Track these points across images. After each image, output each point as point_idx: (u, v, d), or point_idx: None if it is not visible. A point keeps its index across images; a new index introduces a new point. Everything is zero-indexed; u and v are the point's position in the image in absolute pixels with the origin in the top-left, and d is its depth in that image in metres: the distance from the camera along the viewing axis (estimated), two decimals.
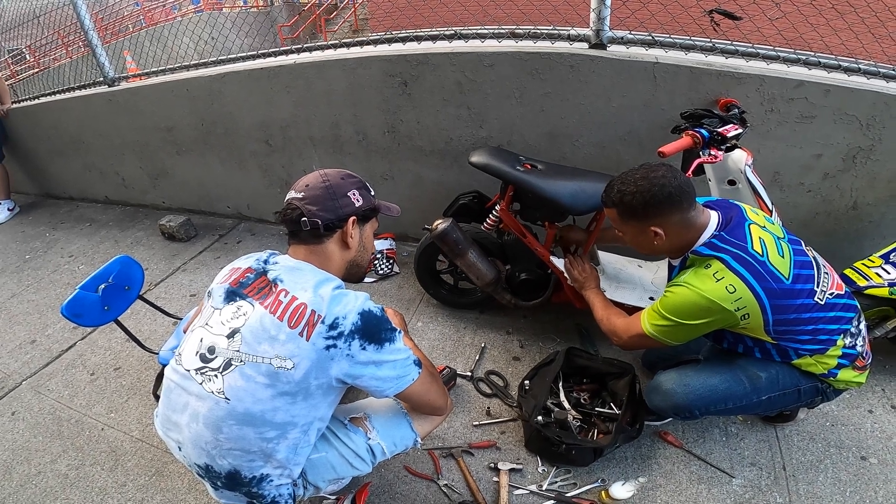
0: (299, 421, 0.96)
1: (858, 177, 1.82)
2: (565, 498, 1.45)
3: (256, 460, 0.97)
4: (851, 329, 1.22)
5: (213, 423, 0.93)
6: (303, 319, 0.90)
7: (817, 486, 1.57)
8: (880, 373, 1.94)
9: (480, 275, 1.76)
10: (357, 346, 0.91)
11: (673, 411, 1.35)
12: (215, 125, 2.58)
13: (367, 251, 1.12)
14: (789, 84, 1.68)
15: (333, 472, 1.10)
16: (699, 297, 1.11)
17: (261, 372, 0.90)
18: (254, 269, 1.01)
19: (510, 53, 1.96)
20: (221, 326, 0.96)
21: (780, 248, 1.15)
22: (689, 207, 1.15)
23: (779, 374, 1.26)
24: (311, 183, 1.03)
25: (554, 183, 1.59)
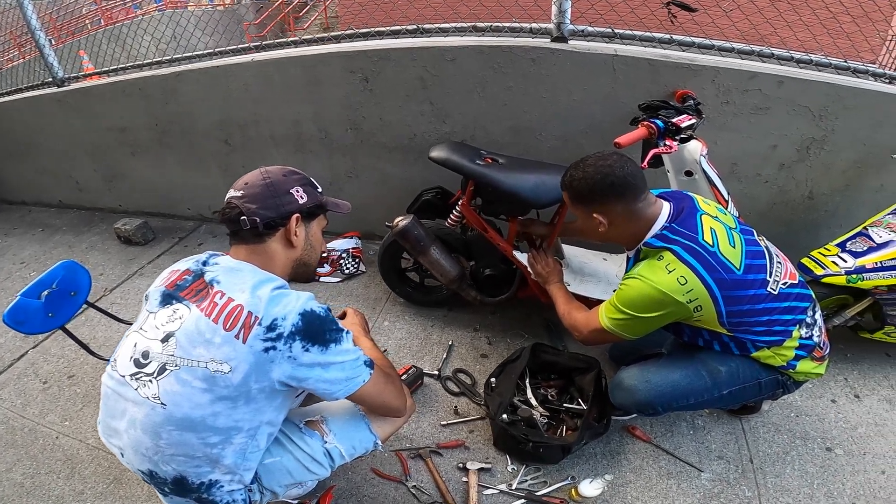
0: (244, 426, 0.93)
1: (813, 167, 1.85)
2: (535, 497, 1.43)
3: (203, 466, 0.94)
4: (807, 319, 1.22)
5: (152, 428, 0.91)
6: (238, 321, 0.87)
7: (784, 478, 1.57)
8: (842, 362, 1.98)
9: (444, 272, 1.72)
10: (299, 348, 0.88)
11: (636, 408, 1.34)
12: (171, 125, 2.48)
13: (314, 249, 1.09)
14: (743, 76, 1.69)
15: (290, 477, 1.06)
16: (652, 289, 1.09)
17: (197, 376, 0.88)
18: (192, 270, 0.98)
19: (471, 47, 1.92)
20: (156, 331, 0.93)
21: (732, 238, 1.14)
22: (635, 198, 1.14)
23: (738, 368, 1.25)
24: (251, 181, 0.99)
25: (514, 176, 1.56)
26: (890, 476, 1.57)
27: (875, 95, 1.72)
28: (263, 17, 5.58)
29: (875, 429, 1.71)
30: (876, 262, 1.62)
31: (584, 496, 1.38)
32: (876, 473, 1.58)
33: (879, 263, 1.62)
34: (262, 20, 5.56)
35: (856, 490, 1.54)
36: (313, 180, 1.07)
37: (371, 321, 2.02)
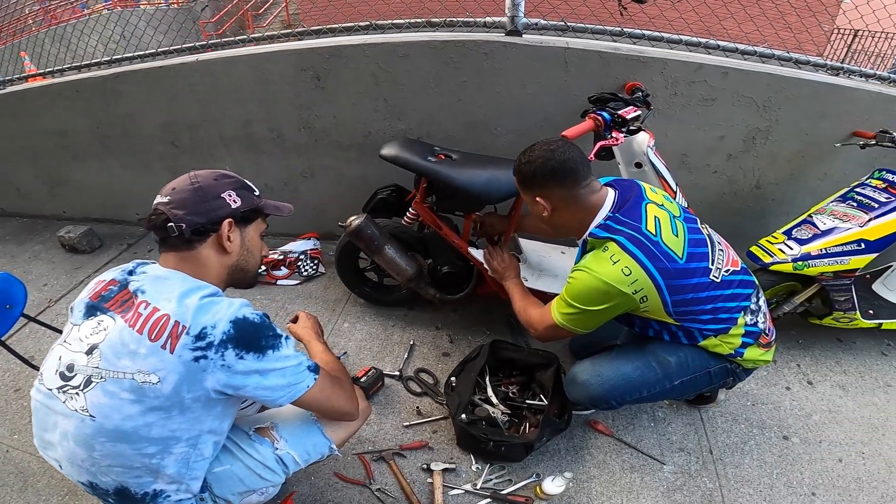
0: (182, 435, 0.90)
1: (759, 157, 1.88)
2: (501, 496, 1.41)
3: (143, 476, 0.91)
4: (751, 306, 1.23)
5: (84, 440, 0.89)
6: (165, 331, 0.84)
7: (744, 469, 1.58)
8: (794, 348, 2.02)
9: (400, 271, 1.67)
10: (233, 356, 0.85)
11: (591, 403, 1.33)
12: (113, 128, 2.33)
13: (252, 255, 1.04)
14: (690, 67, 1.71)
15: (242, 485, 1.03)
16: (598, 281, 1.08)
17: (124, 388, 0.85)
18: (118, 280, 0.95)
19: (424, 43, 1.88)
20: (80, 343, 0.90)
21: (675, 226, 1.14)
22: (576, 183, 1.13)
23: (688, 358, 1.25)
24: (179, 186, 0.96)
25: (467, 172, 1.52)
26: (847, 464, 1.60)
27: (816, 86, 1.76)
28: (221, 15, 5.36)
29: (829, 416, 1.75)
30: (820, 248, 1.66)
31: (550, 494, 1.37)
32: (833, 462, 1.61)
33: (824, 250, 1.66)
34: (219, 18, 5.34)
35: (814, 479, 1.57)
36: (249, 183, 1.03)
37: (331, 323, 1.96)
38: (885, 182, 1.74)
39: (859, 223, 1.66)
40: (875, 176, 1.78)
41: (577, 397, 1.33)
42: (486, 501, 1.40)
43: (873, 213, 1.66)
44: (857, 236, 1.64)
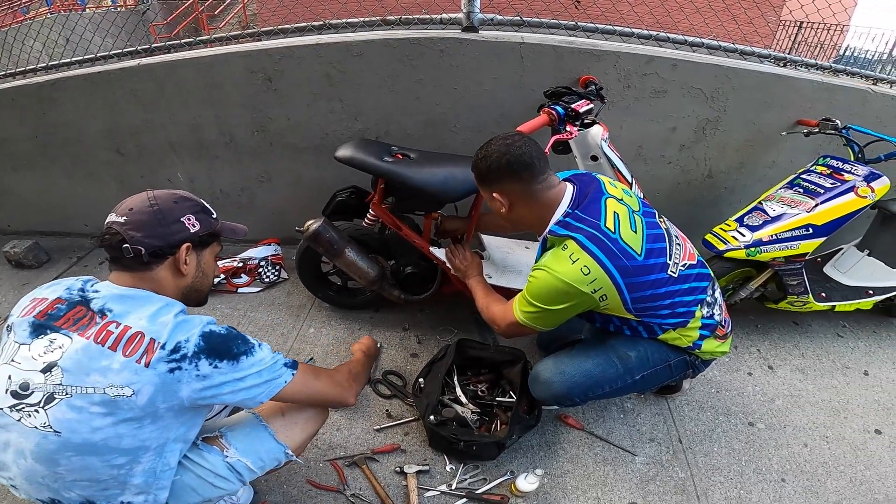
0: (151, 444, 0.91)
1: (710, 147, 1.92)
2: (476, 495, 1.39)
3: (111, 489, 0.90)
4: (707, 298, 1.23)
5: (46, 457, 0.86)
6: (140, 347, 0.86)
7: (713, 457, 1.59)
8: (753, 333, 2.06)
9: (362, 273, 1.62)
10: (207, 366, 0.88)
11: (554, 400, 1.32)
12: (53, 136, 2.18)
13: (206, 276, 1.06)
14: (641, 59, 1.72)
15: (196, 495, 1.03)
16: (558, 280, 1.06)
17: (93, 402, 0.85)
18: (65, 299, 0.92)
19: (379, 41, 1.83)
20: (33, 362, 0.88)
21: (634, 222, 1.13)
22: (532, 178, 1.11)
23: (647, 352, 1.25)
24: (137, 206, 0.94)
25: (424, 171, 1.48)
26: (812, 449, 1.63)
27: (760, 76, 1.81)
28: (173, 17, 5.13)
29: (791, 400, 1.79)
30: (771, 234, 1.70)
31: (524, 491, 1.37)
32: (799, 447, 1.64)
33: (774, 236, 1.70)
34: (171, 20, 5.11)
35: (782, 465, 1.59)
36: (208, 206, 1.03)
37: (295, 329, 1.89)
38: (829, 168, 1.80)
39: (806, 209, 1.71)
40: (820, 162, 1.84)
41: (542, 395, 1.32)
42: (462, 502, 1.39)
43: (819, 199, 1.71)
44: (805, 221, 1.69)
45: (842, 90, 1.86)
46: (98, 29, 2.52)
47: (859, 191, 1.68)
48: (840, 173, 1.74)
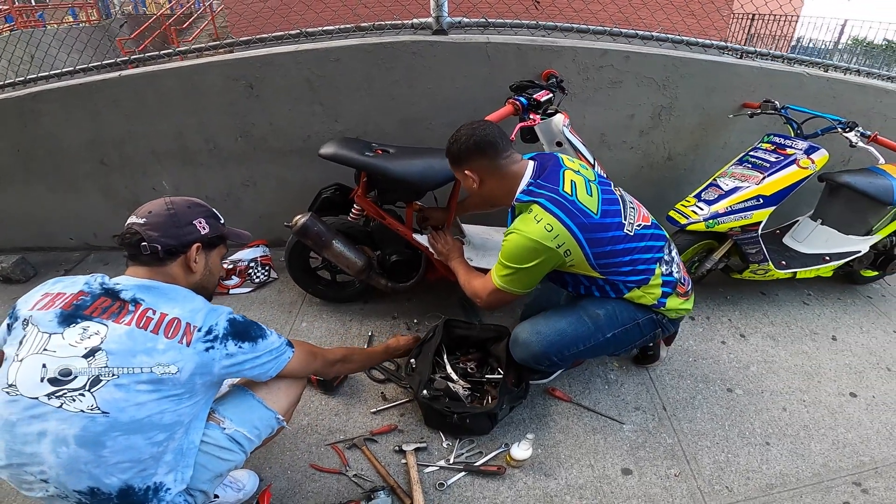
0: (184, 419, 1.03)
1: (666, 131, 2.13)
2: (474, 467, 1.49)
3: (148, 468, 1.00)
4: (665, 257, 1.40)
5: (92, 439, 0.94)
6: (179, 331, 1.01)
7: (697, 422, 1.70)
8: (724, 304, 2.25)
9: (350, 263, 1.76)
10: (233, 346, 1.05)
11: (534, 360, 1.45)
12: (35, 149, 2.26)
13: (213, 275, 1.21)
14: (597, 53, 1.92)
15: (208, 471, 1.12)
16: (526, 239, 1.22)
17: (140, 381, 0.97)
18: (87, 291, 1.04)
19: (355, 47, 1.98)
20: (71, 348, 0.97)
21: (590, 188, 1.30)
22: (497, 155, 1.29)
23: (616, 310, 1.40)
24: (155, 210, 1.10)
25: (403, 163, 1.64)
26: (792, 413, 1.76)
27: (705, 64, 2.03)
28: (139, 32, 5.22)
29: (766, 366, 1.94)
30: (726, 206, 1.91)
31: (519, 459, 1.47)
32: (778, 411, 1.77)
33: (729, 208, 1.91)
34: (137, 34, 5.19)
35: (765, 429, 1.70)
36: (216, 212, 1.19)
37: (288, 324, 2.00)
38: (773, 145, 2.02)
39: (756, 182, 1.92)
40: (765, 140, 2.07)
41: (522, 356, 1.46)
42: (461, 475, 1.48)
43: (766, 172, 1.93)
44: (755, 193, 1.91)
45: (780, 74, 2.10)
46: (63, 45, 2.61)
47: (801, 163, 1.90)
48: (783, 149, 1.97)
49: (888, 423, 1.75)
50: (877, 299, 2.43)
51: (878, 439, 1.71)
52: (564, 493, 1.47)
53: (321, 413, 1.65)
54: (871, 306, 2.37)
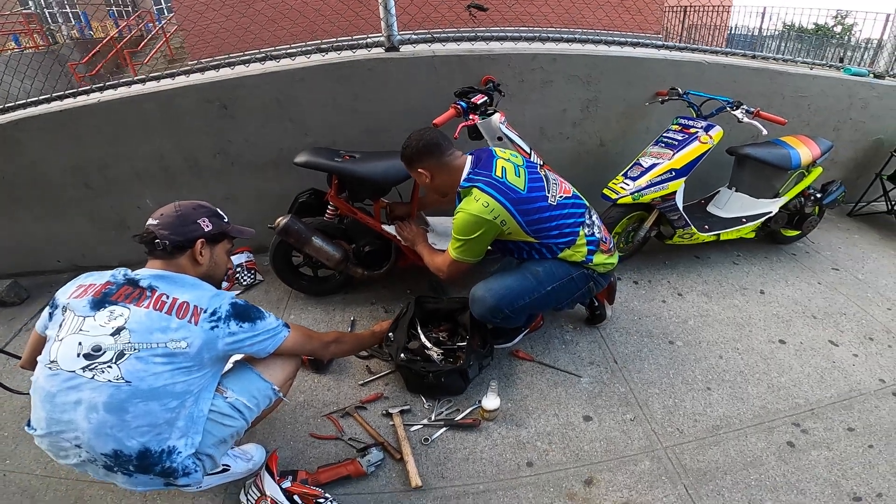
0: (193, 389, 1.24)
1: (596, 121, 2.59)
2: (453, 422, 1.79)
3: (163, 433, 1.20)
4: (586, 221, 1.81)
5: (117, 405, 1.15)
6: (188, 312, 1.23)
7: (645, 373, 1.99)
8: (662, 269, 2.68)
9: (329, 256, 2.12)
10: (235, 326, 1.28)
11: (490, 314, 1.79)
12: (18, 177, 2.50)
13: (219, 267, 1.45)
14: (528, 58, 2.36)
15: (213, 437, 1.33)
16: (469, 215, 1.62)
17: (157, 354, 1.19)
18: (112, 282, 1.27)
19: (317, 67, 2.35)
20: (101, 328, 1.18)
21: (518, 171, 1.72)
22: (441, 154, 1.69)
23: (552, 267, 1.79)
24: (165, 212, 1.35)
25: (368, 165, 2.03)
26: (728, 360, 2.08)
27: (621, 60, 2.50)
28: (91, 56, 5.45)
29: (701, 320, 2.31)
30: (647, 181, 2.36)
31: (490, 409, 1.76)
32: (715, 359, 2.08)
33: (649, 181, 2.36)
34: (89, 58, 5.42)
35: (705, 375, 1.98)
36: (220, 212, 1.45)
37: None
38: (680, 125, 2.50)
39: (668, 158, 2.38)
40: (674, 122, 2.54)
41: (479, 311, 1.82)
42: (442, 430, 1.77)
43: (676, 150, 2.39)
44: (668, 167, 2.36)
45: (684, 64, 2.59)
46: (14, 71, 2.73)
47: (701, 139, 2.38)
48: (688, 128, 2.45)
49: (818, 367, 2.08)
50: (801, 256, 2.92)
51: (809, 382, 2.00)
52: (535, 440, 1.76)
53: (315, 389, 1.96)
54: (796, 262, 2.85)
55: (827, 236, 3.13)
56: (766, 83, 2.79)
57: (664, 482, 1.64)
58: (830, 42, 3.52)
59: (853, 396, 1.95)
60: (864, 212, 3.44)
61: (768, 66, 2.83)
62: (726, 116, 2.44)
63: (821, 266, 2.82)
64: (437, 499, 1.59)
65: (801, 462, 1.70)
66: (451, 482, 1.64)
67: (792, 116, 2.83)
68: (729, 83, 2.68)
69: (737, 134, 2.65)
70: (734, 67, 2.70)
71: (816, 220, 2.86)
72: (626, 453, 1.73)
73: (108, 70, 5.29)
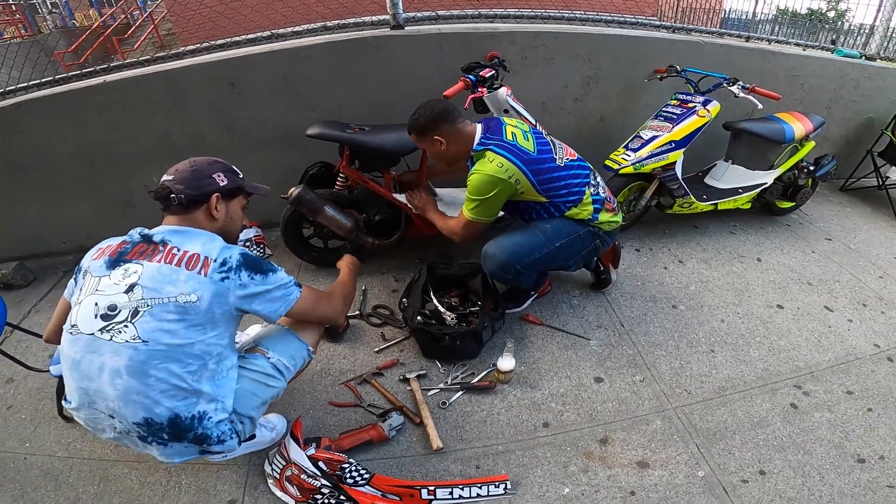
0: (213, 350, 1.26)
1: (597, 97, 2.79)
2: (470, 385, 1.92)
3: (189, 397, 1.22)
4: (591, 181, 1.99)
5: (138, 368, 1.17)
6: (198, 263, 1.24)
7: (651, 335, 2.14)
8: (663, 237, 2.90)
9: (341, 225, 2.27)
10: (246, 276, 1.27)
11: (501, 270, 1.94)
12: (20, 159, 2.61)
13: (234, 222, 1.46)
14: (530, 35, 2.55)
15: (256, 398, 1.39)
16: (485, 176, 1.79)
17: (169, 310, 1.19)
18: (128, 241, 1.31)
19: (324, 45, 2.52)
20: (115, 286, 1.21)
21: (526, 136, 1.90)
22: (455, 120, 1.86)
23: (560, 225, 1.95)
24: (180, 168, 1.38)
25: (379, 136, 2.20)
26: (729, 324, 2.25)
27: (620, 39, 2.71)
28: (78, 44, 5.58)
29: (702, 286, 2.51)
30: (648, 151, 2.57)
31: (505, 371, 1.87)
32: (717, 322, 2.25)
33: (650, 152, 2.57)
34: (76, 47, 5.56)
35: (708, 338, 2.14)
36: (235, 168, 1.49)
37: None
38: (679, 101, 2.72)
39: (668, 130, 2.59)
40: (673, 98, 2.75)
41: (491, 267, 1.98)
42: (459, 393, 1.89)
43: (675, 123, 2.61)
44: (668, 139, 2.57)
45: (681, 43, 2.81)
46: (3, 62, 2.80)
47: (699, 112, 2.59)
48: (686, 103, 2.66)
49: (815, 332, 2.26)
50: (795, 227, 3.15)
51: (808, 346, 2.17)
52: (549, 401, 1.89)
53: (331, 358, 2.08)
54: (790, 232, 3.08)
55: (820, 209, 3.38)
56: (760, 63, 3.02)
57: (676, 441, 1.77)
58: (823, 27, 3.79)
59: (850, 360, 2.13)
60: (855, 187, 3.69)
61: (762, 47, 3.07)
62: (723, 93, 2.65)
63: (814, 236, 3.05)
64: (458, 460, 1.70)
65: (805, 424, 1.84)
66: (470, 444, 1.75)
67: (785, 95, 3.05)
68: (725, 62, 2.91)
69: (732, 110, 2.87)
70: (730, 47, 2.93)
71: (810, 192, 3.09)
72: (637, 413, 1.87)
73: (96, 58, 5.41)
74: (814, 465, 1.71)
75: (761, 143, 2.85)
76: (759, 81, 2.92)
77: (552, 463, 1.70)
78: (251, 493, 1.60)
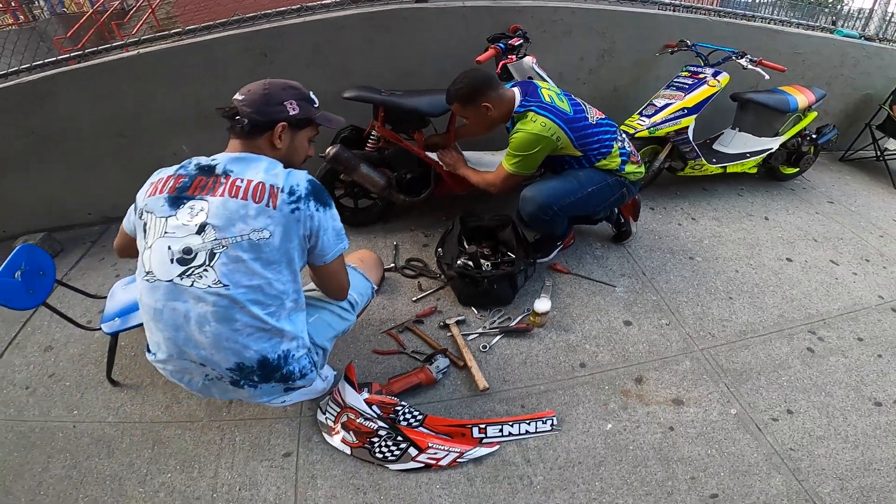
0: (288, 289, 1.28)
1: (611, 69, 3.13)
2: (508, 328, 2.11)
3: (273, 338, 1.26)
4: (618, 137, 2.29)
5: (224, 314, 1.18)
6: (265, 194, 1.21)
7: (672, 283, 2.38)
8: (675, 198, 3.22)
9: (374, 182, 2.54)
10: (314, 206, 1.27)
11: (540, 210, 2.19)
12: (49, 131, 2.78)
13: (297, 154, 1.42)
14: (549, 10, 2.89)
15: (331, 329, 1.48)
16: (529, 134, 2.06)
17: (244, 249, 1.18)
18: (184, 174, 1.28)
19: (356, 16, 2.80)
20: (185, 227, 1.18)
21: (560, 97, 2.19)
22: (498, 87, 2.13)
23: (591, 173, 2.23)
24: (253, 88, 1.34)
25: (412, 99, 2.48)
26: (744, 274, 2.52)
27: (633, 15, 3.06)
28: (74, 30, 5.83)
29: (716, 240, 2.81)
30: (662, 117, 2.89)
31: (540, 312, 2.05)
32: (732, 273, 2.52)
33: (664, 117, 2.89)
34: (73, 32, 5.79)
35: (725, 286, 2.39)
36: (312, 96, 1.42)
37: None
38: (690, 72, 3.06)
39: (680, 98, 2.93)
40: (684, 70, 3.10)
41: (530, 209, 2.23)
42: (498, 337, 2.08)
43: (687, 92, 2.95)
44: (681, 106, 2.90)
45: (690, 21, 3.18)
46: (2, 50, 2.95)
47: (710, 83, 2.94)
48: (697, 74, 3.01)
49: (823, 283, 2.54)
50: (798, 191, 3.52)
51: (818, 295, 2.43)
52: (584, 343, 2.10)
53: (370, 310, 2.20)
54: (795, 195, 3.44)
55: (821, 176, 3.77)
56: (764, 40, 3.40)
57: (706, 380, 1.96)
58: (823, 11, 4.22)
59: (857, 310, 2.41)
60: (853, 158, 4.10)
61: (767, 26, 3.45)
62: (731, 66, 3.01)
63: (817, 199, 3.42)
64: (503, 400, 1.86)
65: (823, 367, 2.04)
66: (513, 385, 1.92)
67: (789, 71, 3.43)
68: (732, 39, 3.26)
69: (739, 83, 3.23)
70: (736, 25, 3.31)
71: (812, 158, 3.46)
72: (667, 354, 2.07)
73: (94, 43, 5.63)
74: (836, 406, 1.89)
75: (767, 113, 3.21)
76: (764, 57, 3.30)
77: (592, 401, 1.87)
78: (305, 445, 1.70)
